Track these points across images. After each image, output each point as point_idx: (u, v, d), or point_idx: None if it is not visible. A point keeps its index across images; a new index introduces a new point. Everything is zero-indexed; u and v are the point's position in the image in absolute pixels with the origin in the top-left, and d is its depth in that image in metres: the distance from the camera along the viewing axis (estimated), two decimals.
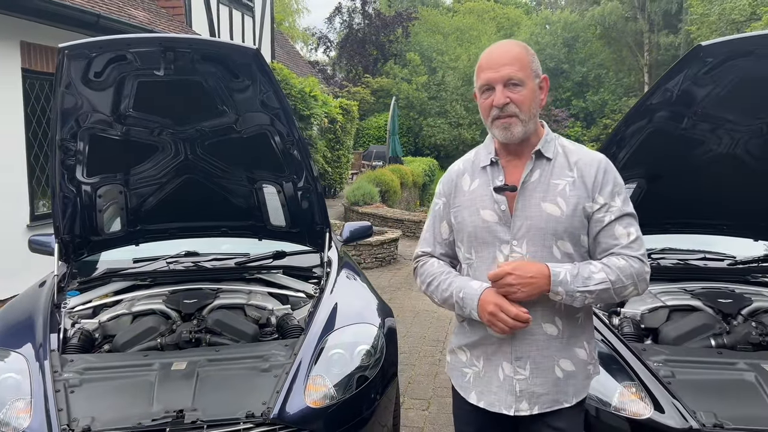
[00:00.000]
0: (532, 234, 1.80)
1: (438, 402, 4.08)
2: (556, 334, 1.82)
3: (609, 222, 1.78)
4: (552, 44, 36.41)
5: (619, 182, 1.83)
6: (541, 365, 1.82)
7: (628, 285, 1.76)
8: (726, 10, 20.12)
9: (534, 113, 1.81)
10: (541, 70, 1.84)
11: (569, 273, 1.73)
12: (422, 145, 29.72)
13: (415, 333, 5.52)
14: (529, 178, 1.83)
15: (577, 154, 1.84)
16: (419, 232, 10.68)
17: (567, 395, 1.84)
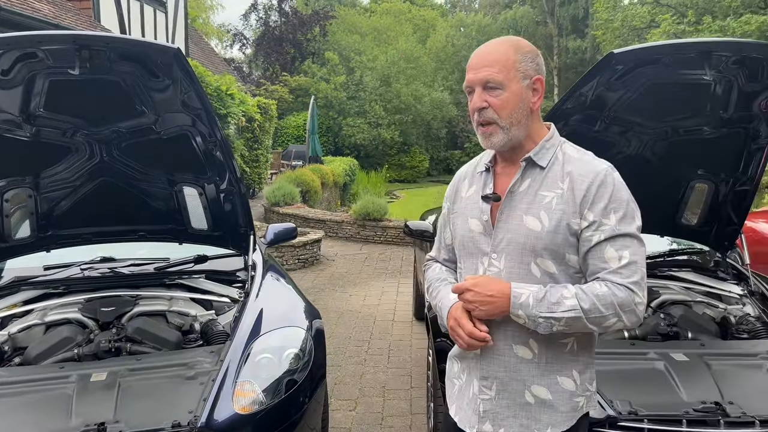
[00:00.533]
0: (511, 248, 1.66)
1: (365, 402, 4.10)
2: (531, 357, 1.67)
3: (597, 242, 1.58)
4: (467, 46, 37.20)
5: (619, 198, 1.59)
6: (508, 387, 1.70)
7: (608, 315, 1.55)
8: (628, 17, 21.26)
9: (519, 119, 1.64)
10: (535, 70, 1.65)
11: (533, 296, 1.58)
12: (342, 144, 29.68)
13: (340, 334, 5.52)
14: (517, 188, 1.68)
15: (574, 164, 1.65)
16: (342, 232, 10.73)
17: (539, 423, 1.68)
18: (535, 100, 1.66)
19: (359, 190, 20.14)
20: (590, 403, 1.72)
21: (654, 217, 3.62)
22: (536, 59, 1.66)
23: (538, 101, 1.66)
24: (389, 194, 23.42)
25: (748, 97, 2.81)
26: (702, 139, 3.08)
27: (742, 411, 2.38)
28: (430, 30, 39.55)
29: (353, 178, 21.33)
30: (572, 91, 2.75)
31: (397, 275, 8.01)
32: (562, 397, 1.68)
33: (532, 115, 1.67)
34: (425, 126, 32.25)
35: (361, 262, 8.90)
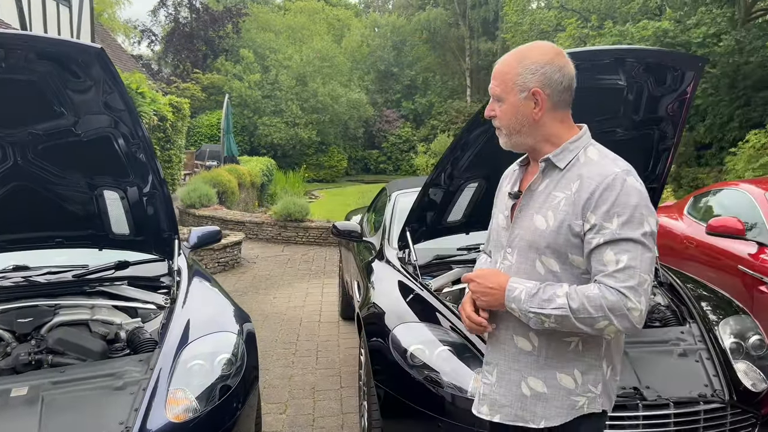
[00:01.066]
0: (521, 244, 1.72)
1: (295, 404, 4.08)
2: (530, 350, 1.72)
3: (597, 245, 1.59)
4: (382, 47, 37.55)
5: (624, 202, 1.57)
6: (506, 376, 1.77)
7: (598, 317, 1.55)
8: (536, 20, 22.09)
9: (518, 128, 1.71)
10: (536, 82, 1.67)
11: (526, 292, 1.63)
12: (258, 144, 29.23)
13: (266, 337, 5.45)
14: (536, 187, 1.74)
15: (588, 167, 1.66)
16: (262, 234, 10.57)
17: (534, 416, 1.72)
18: (537, 110, 1.69)
19: (277, 191, 19.90)
20: (593, 405, 1.71)
21: None
22: (541, 69, 1.67)
23: (539, 111, 1.68)
24: (308, 194, 23.27)
25: (656, 101, 3.01)
26: (616, 140, 3.26)
27: (658, 394, 2.56)
28: (344, 30, 39.60)
29: (271, 178, 21.06)
30: None
31: (321, 276, 8.00)
32: (559, 393, 1.70)
33: (537, 123, 1.71)
34: (342, 126, 32.29)
35: (283, 263, 8.82)
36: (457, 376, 2.68)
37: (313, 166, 30.38)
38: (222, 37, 31.85)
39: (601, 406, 1.72)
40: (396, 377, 2.84)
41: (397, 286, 3.44)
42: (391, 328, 2.98)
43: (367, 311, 3.32)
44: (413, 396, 2.75)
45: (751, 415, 2.64)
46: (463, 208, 3.66)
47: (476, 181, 3.48)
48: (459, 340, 2.83)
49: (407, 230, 3.64)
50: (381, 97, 37.08)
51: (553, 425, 1.71)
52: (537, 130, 1.71)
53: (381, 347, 2.98)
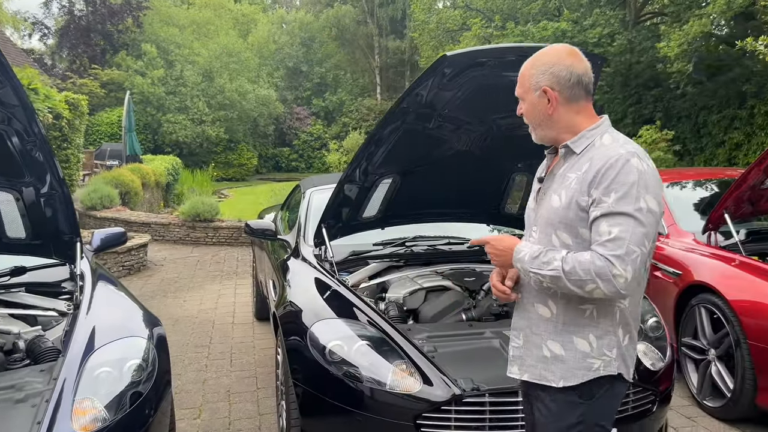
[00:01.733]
0: (541, 222, 1.90)
1: (209, 409, 3.97)
2: (549, 316, 1.88)
3: (595, 218, 1.74)
4: (290, 44, 37.16)
5: (622, 180, 1.72)
6: (530, 339, 1.94)
7: (587, 280, 1.70)
8: (442, 19, 22.54)
9: (538, 123, 1.91)
10: (546, 80, 1.85)
11: (530, 254, 1.82)
12: (162, 142, 28.16)
13: (177, 341, 5.27)
14: (557, 171, 1.91)
15: (599, 150, 1.81)
16: (169, 235, 10.22)
17: (553, 375, 1.87)
18: (550, 106, 1.87)
19: (184, 190, 19.26)
20: (609, 368, 1.83)
21: (482, 207, 3.94)
22: (550, 69, 1.86)
23: (551, 107, 1.87)
24: (217, 193, 22.68)
25: None
26: (521, 135, 3.33)
27: None
28: (251, 25, 38.84)
29: (177, 177, 20.36)
30: (409, 90, 2.89)
31: (234, 277, 7.83)
32: (575, 355, 1.84)
33: (552, 117, 1.88)
34: (252, 123, 31.67)
35: (193, 265, 8.56)
36: (376, 370, 2.70)
37: (221, 165, 29.62)
38: (122, 31, 30.43)
39: (617, 370, 1.84)
40: (315, 375, 2.82)
41: (313, 283, 3.41)
42: (309, 325, 2.96)
43: (284, 310, 3.28)
44: (332, 392, 2.75)
45: (651, 392, 2.81)
46: (379, 204, 3.69)
47: (391, 176, 3.52)
48: (377, 334, 2.85)
49: (323, 227, 3.62)
50: (291, 94, 36.70)
51: (570, 384, 1.84)
52: (555, 123, 1.89)
53: (299, 345, 2.95)
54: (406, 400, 2.61)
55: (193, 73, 28.92)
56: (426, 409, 2.57)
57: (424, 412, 2.57)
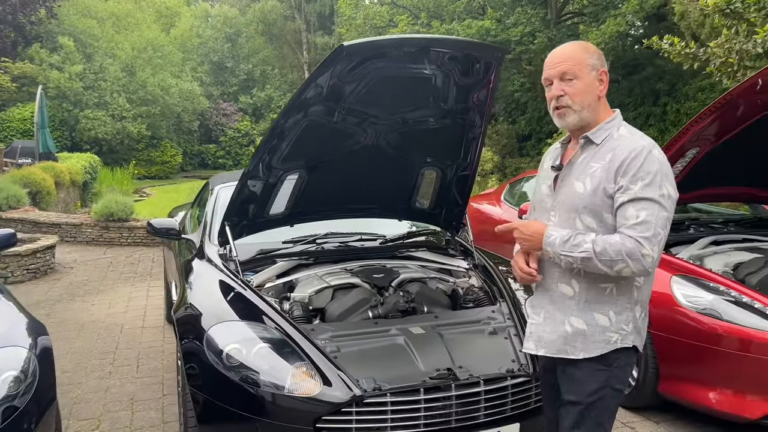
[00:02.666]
0: (563, 207, 2.06)
1: (110, 418, 3.75)
2: (572, 294, 2.05)
3: (622, 203, 1.91)
4: (214, 38, 36.25)
5: (647, 169, 1.90)
6: (552, 316, 2.09)
7: (617, 260, 1.88)
8: (369, 15, 22.47)
9: (588, 103, 2.01)
10: (600, 64, 2.02)
11: (560, 238, 1.97)
12: (80, 139, 26.89)
13: (80, 348, 4.99)
14: (575, 160, 2.07)
15: (620, 141, 1.98)
16: (81, 236, 9.73)
17: (574, 348, 2.04)
18: (602, 88, 2.03)
19: (103, 189, 18.46)
20: (625, 341, 2.03)
21: (393, 202, 3.89)
22: (601, 57, 2.04)
23: (604, 89, 2.03)
24: (138, 192, 21.95)
25: (463, 91, 3.11)
26: (428, 129, 3.34)
27: (470, 373, 2.65)
28: (174, 18, 37.67)
29: (95, 175, 19.52)
30: (308, 82, 2.78)
31: (147, 278, 7.51)
32: (596, 330, 2.02)
33: (599, 101, 2.04)
34: (176, 119, 30.71)
35: (105, 267, 8.17)
36: (275, 373, 2.59)
37: (144, 163, 28.58)
38: (35, 22, 28.84)
39: (632, 342, 2.05)
40: (212, 380, 2.68)
41: (215, 284, 3.25)
42: (207, 328, 2.81)
43: (182, 312, 3.12)
44: (230, 398, 2.62)
45: None
46: (286, 200, 3.56)
47: (297, 171, 3.40)
48: (278, 336, 2.74)
49: (226, 225, 3.47)
50: (217, 90, 35.80)
51: (591, 356, 2.02)
52: (596, 107, 2.03)
53: (195, 349, 2.80)
54: (305, 404, 2.51)
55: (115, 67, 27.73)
56: (326, 412, 2.49)
57: (323, 414, 2.49)
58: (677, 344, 3.47)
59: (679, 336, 3.46)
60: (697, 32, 8.84)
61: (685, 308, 3.45)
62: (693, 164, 4.03)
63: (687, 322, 3.43)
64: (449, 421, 2.57)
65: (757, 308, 3.28)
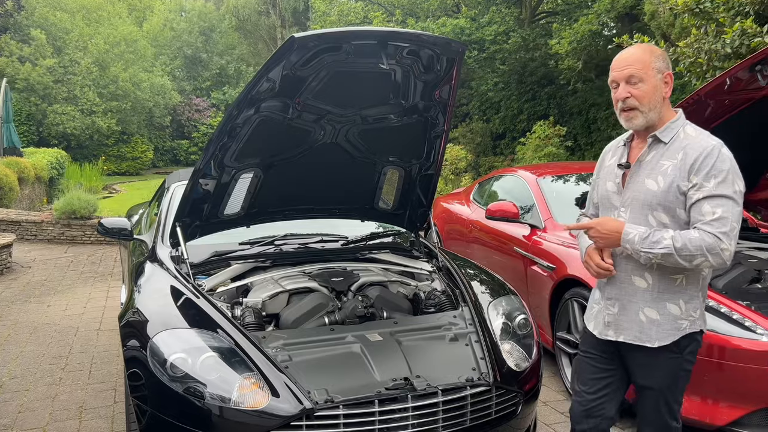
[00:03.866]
0: (634, 205, 2.17)
1: (56, 428, 3.57)
2: (645, 287, 2.18)
3: (697, 200, 2.03)
4: (188, 31, 35.63)
5: (720, 167, 2.01)
6: (627, 307, 2.22)
7: (697, 255, 1.99)
8: (344, 11, 22.27)
9: (654, 105, 2.11)
10: (666, 67, 2.13)
11: (639, 235, 2.08)
12: (48, 134, 26.21)
13: (30, 352, 4.78)
14: (644, 158, 2.18)
15: (690, 140, 2.09)
16: (42, 234, 9.43)
17: (650, 337, 2.18)
18: (667, 89, 2.14)
19: (71, 186, 18.00)
20: (693, 326, 2.18)
21: (355, 202, 3.75)
22: (666, 60, 2.15)
23: (669, 90, 2.13)
24: (108, 188, 21.48)
25: (424, 87, 2.99)
26: (390, 126, 3.22)
27: (428, 383, 2.53)
28: (147, 11, 37.01)
29: (62, 171, 19.01)
30: (259, 76, 2.63)
31: (108, 278, 7.28)
32: (668, 318, 2.16)
33: (664, 102, 2.14)
34: (147, 114, 30.08)
35: (65, 266, 7.91)
36: (222, 384, 2.44)
37: (114, 158, 27.95)
38: (1, 15, 28.07)
39: (699, 327, 2.20)
40: (155, 391, 2.52)
41: (166, 289, 3.09)
42: (151, 336, 2.66)
43: (128, 317, 2.95)
44: (174, 411, 2.47)
45: (516, 394, 2.72)
46: (241, 201, 3.41)
47: (251, 170, 3.25)
48: (227, 345, 2.59)
49: (177, 226, 3.30)
50: (189, 85, 35.18)
51: (665, 344, 2.16)
52: (661, 108, 2.14)
53: (139, 358, 2.64)
54: (253, 417, 2.37)
55: (86, 60, 27.08)
56: (274, 426, 2.35)
57: (272, 428, 2.35)
58: None
59: None
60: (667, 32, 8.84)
61: None
62: None
63: None
64: None
65: (724, 313, 3.22)
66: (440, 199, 7.06)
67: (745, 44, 5.20)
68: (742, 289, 3.54)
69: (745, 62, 3.22)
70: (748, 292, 3.50)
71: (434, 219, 6.72)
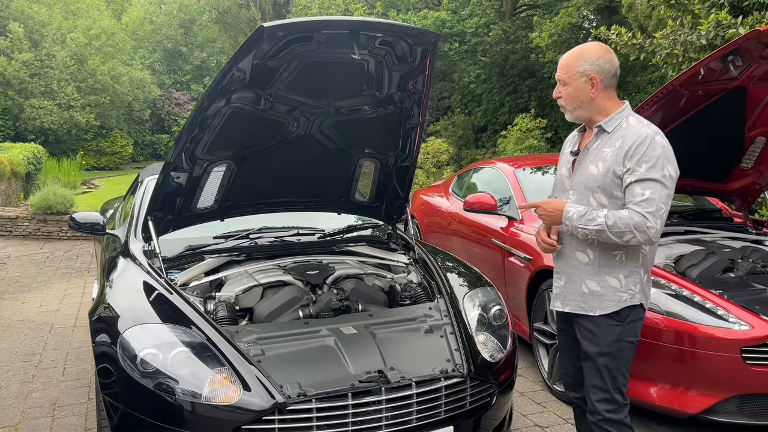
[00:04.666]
0: (579, 187, 2.39)
1: (28, 426, 3.51)
2: (587, 261, 2.39)
3: (630, 183, 2.24)
4: (168, 24, 35.24)
5: (652, 154, 2.21)
6: (572, 280, 2.45)
7: (626, 232, 2.20)
8: (324, 4, 22.10)
9: (579, 105, 2.37)
10: (593, 70, 2.32)
11: (577, 213, 2.30)
12: (24, 129, 25.82)
13: (3, 349, 4.70)
14: (591, 146, 2.40)
15: (628, 129, 2.30)
16: (18, 230, 9.29)
17: (591, 307, 2.39)
18: (594, 90, 2.34)
19: (48, 181, 17.74)
20: (633, 299, 2.36)
21: (331, 195, 3.72)
22: (597, 61, 2.32)
23: (596, 90, 2.34)
24: (87, 183, 21.21)
25: (398, 78, 2.96)
26: (364, 118, 3.19)
27: (402, 375, 2.51)
28: (125, 3, 36.52)
29: (39, 167, 18.73)
30: (228, 66, 2.58)
31: (85, 274, 7.19)
32: (609, 290, 2.36)
33: (593, 101, 2.36)
34: (126, 108, 29.74)
35: (40, 262, 7.80)
36: (193, 380, 2.41)
37: (93, 153, 27.61)
38: None
39: (639, 300, 2.38)
40: (125, 387, 2.49)
41: (138, 284, 3.04)
42: (122, 331, 2.62)
43: (99, 313, 2.91)
44: (145, 407, 2.44)
45: (490, 385, 2.72)
46: (214, 194, 3.36)
47: (225, 163, 3.21)
48: (199, 340, 2.56)
49: (149, 219, 3.25)
50: (169, 78, 34.82)
51: (605, 312, 2.36)
52: (593, 106, 2.37)
53: (109, 354, 2.60)
54: (224, 412, 2.35)
55: (63, 54, 26.65)
56: (246, 420, 2.32)
57: (244, 423, 2.32)
58: None
59: None
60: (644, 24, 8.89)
61: None
62: None
63: None
64: (380, 426, 2.44)
65: (697, 301, 3.25)
66: (420, 191, 7.05)
67: (720, 36, 5.23)
68: (716, 278, 3.57)
69: (718, 53, 3.23)
70: (721, 281, 3.53)
71: (414, 211, 6.73)
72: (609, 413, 2.39)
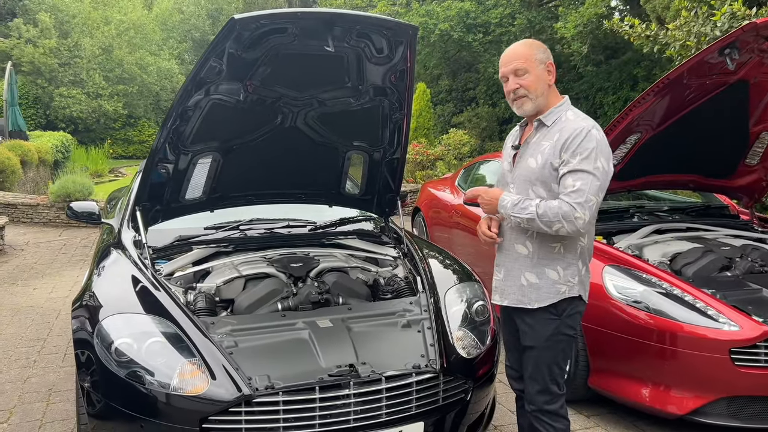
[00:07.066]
0: (519, 180, 2.41)
1: (22, 411, 3.59)
2: (526, 253, 2.40)
3: (563, 174, 2.26)
4: (197, 15, 35.59)
5: (586, 146, 2.22)
6: (511, 272, 2.45)
7: (555, 221, 2.21)
8: None
9: (541, 92, 2.35)
10: (546, 57, 2.35)
11: (511, 202, 2.33)
12: (55, 117, 26.32)
13: (9, 334, 4.81)
14: (531, 140, 2.42)
15: (566, 123, 2.31)
16: (38, 217, 9.49)
17: (530, 299, 2.39)
18: (551, 78, 2.36)
19: (76, 169, 18.09)
20: (572, 291, 2.37)
21: (321, 187, 3.72)
22: (546, 51, 2.37)
23: (552, 78, 2.37)
24: (114, 171, 21.55)
25: (379, 70, 2.93)
26: (349, 111, 3.17)
27: (372, 369, 2.50)
28: None
29: (67, 155, 19.11)
30: (204, 59, 2.59)
31: None
32: (547, 282, 2.37)
33: (549, 88, 2.37)
34: (153, 98, 30.12)
35: (57, 249, 7.95)
36: (165, 370, 2.44)
37: (121, 142, 28.05)
38: None
39: (578, 292, 2.39)
40: (99, 375, 2.53)
41: (124, 273, 3.07)
42: (100, 319, 2.65)
43: (81, 301, 2.95)
44: (116, 395, 2.47)
45: (464, 380, 2.69)
46: (202, 185, 3.39)
47: (210, 154, 3.22)
48: (173, 330, 2.58)
49: (137, 210, 3.29)
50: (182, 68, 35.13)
51: (543, 305, 2.37)
52: (548, 94, 2.37)
53: (86, 342, 2.64)
54: (191, 402, 2.37)
55: (92, 45, 27.07)
56: (213, 411, 2.34)
57: (210, 414, 2.34)
58: (607, 337, 3.35)
59: (610, 329, 3.34)
60: (662, 15, 8.68)
61: (616, 300, 3.33)
62: (635, 150, 3.88)
63: (617, 314, 3.31)
64: (347, 420, 2.43)
65: (687, 301, 3.17)
66: (427, 184, 7.01)
67: (735, 27, 5.07)
68: (710, 277, 3.48)
69: (714, 45, 3.13)
70: (716, 280, 3.44)
71: (420, 204, 6.70)
72: (545, 404, 2.43)
